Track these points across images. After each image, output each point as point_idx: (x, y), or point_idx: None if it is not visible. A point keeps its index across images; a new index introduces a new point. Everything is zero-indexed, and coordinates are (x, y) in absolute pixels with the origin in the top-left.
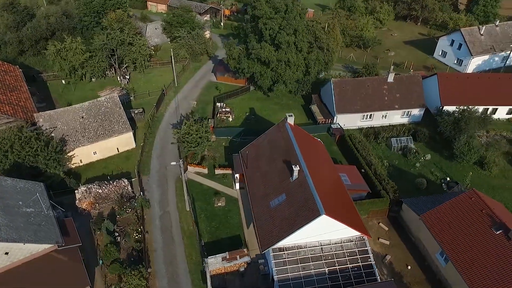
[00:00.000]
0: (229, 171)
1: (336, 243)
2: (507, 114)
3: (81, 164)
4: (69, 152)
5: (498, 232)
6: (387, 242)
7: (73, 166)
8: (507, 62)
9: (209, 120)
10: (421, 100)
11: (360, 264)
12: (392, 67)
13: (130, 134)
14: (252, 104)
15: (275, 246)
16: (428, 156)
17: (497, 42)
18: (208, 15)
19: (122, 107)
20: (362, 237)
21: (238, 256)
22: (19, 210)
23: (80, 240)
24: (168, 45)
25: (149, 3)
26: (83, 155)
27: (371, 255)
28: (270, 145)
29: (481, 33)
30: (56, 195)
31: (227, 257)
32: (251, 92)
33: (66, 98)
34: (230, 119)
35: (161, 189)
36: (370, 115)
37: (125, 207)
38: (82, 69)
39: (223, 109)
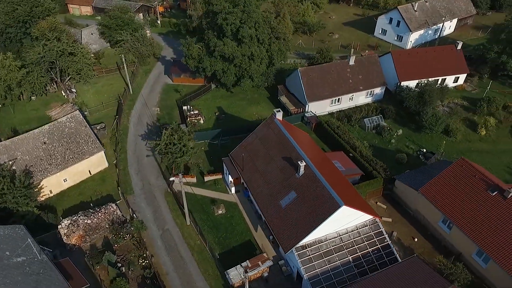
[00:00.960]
0: (219, 176)
1: (353, 231)
2: (453, 82)
3: (51, 195)
4: (36, 184)
5: (494, 194)
6: (390, 220)
7: (42, 199)
8: (440, 34)
9: (180, 125)
10: (382, 79)
11: (378, 246)
12: (352, 50)
13: (102, 153)
14: (218, 103)
15: (297, 245)
16: (400, 131)
17: (429, 16)
18: (141, 14)
19: (87, 125)
20: (374, 219)
21: (260, 262)
22: (10, 261)
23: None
24: (111, 51)
25: (70, 6)
26: (52, 185)
27: (386, 235)
28: (263, 143)
29: (415, 9)
30: (34, 235)
31: (249, 265)
32: (213, 90)
33: (6, 123)
34: (202, 121)
35: (151, 207)
36: (338, 99)
37: (121, 233)
38: (19, 88)
39: (192, 112)
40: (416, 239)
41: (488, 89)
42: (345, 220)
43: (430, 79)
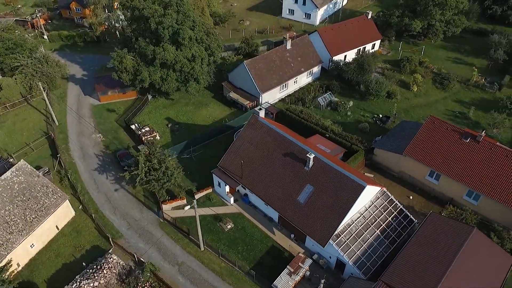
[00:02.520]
0: (209, 190)
1: (370, 206)
2: (371, 49)
3: (19, 268)
4: (2, 264)
5: (468, 140)
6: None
7: (11, 278)
8: (337, 7)
9: (139, 147)
10: (317, 58)
11: (395, 212)
12: (284, 37)
13: (67, 202)
14: (164, 113)
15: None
16: (351, 103)
17: None
18: (17, 31)
19: (40, 174)
20: (383, 190)
21: (300, 263)
22: None
23: None
24: (10, 81)
25: None
26: (18, 256)
27: (396, 201)
28: (255, 145)
29: None
30: None
31: (291, 270)
32: (152, 102)
33: None
34: (158, 137)
35: (152, 244)
36: (285, 84)
37: (138, 285)
38: None
39: (144, 130)
40: (411, 197)
41: (400, 50)
42: (364, 198)
43: (355, 50)
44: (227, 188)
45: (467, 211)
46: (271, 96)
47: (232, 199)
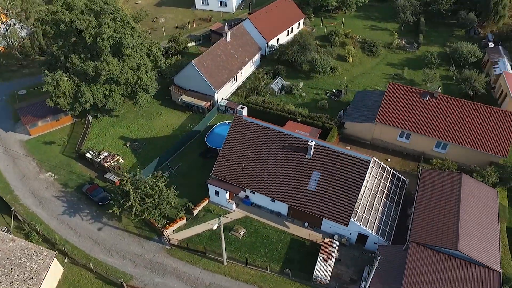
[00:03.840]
0: (205, 202)
1: (369, 177)
2: (297, 28)
3: None
4: None
5: (427, 98)
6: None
7: None
8: None
9: (111, 176)
10: (256, 45)
11: (389, 177)
12: (211, 29)
13: (55, 259)
14: (115, 133)
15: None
16: (301, 84)
17: None
18: None
19: (14, 237)
20: (374, 159)
21: (329, 248)
22: None
23: None
24: None
25: None
26: None
27: (387, 167)
28: (247, 146)
29: None
30: None
31: (325, 256)
32: (93, 123)
33: None
34: (121, 160)
35: (170, 275)
36: (235, 77)
37: None
38: None
39: (103, 156)
40: (389, 160)
41: (324, 26)
42: None
43: (285, 32)
44: (228, 196)
45: (447, 160)
46: (224, 92)
47: (234, 205)
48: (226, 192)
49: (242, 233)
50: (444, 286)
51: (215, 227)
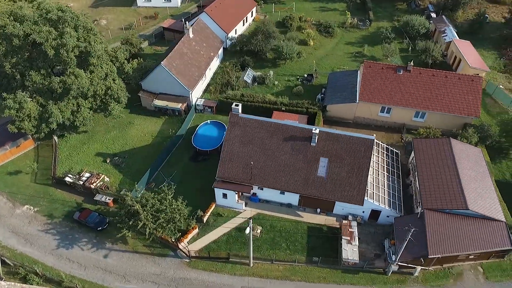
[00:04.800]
0: (212, 207)
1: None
2: (251, 17)
3: None
4: None
5: (401, 72)
6: None
7: None
8: None
9: (102, 197)
10: (218, 38)
11: (385, 152)
12: (163, 26)
13: None
14: (88, 150)
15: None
16: (271, 72)
17: None
18: None
19: (24, 285)
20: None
21: (349, 230)
22: None
23: None
24: None
25: None
26: None
27: (380, 142)
28: (248, 143)
29: None
30: None
31: (348, 238)
32: (62, 143)
33: None
34: (107, 179)
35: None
36: (204, 74)
37: None
38: None
39: (85, 177)
40: (374, 135)
41: (274, 11)
42: None
43: (241, 22)
44: (236, 197)
45: (432, 128)
46: (197, 90)
47: (243, 205)
48: (236, 193)
49: (259, 231)
50: (462, 243)
51: (247, 231)
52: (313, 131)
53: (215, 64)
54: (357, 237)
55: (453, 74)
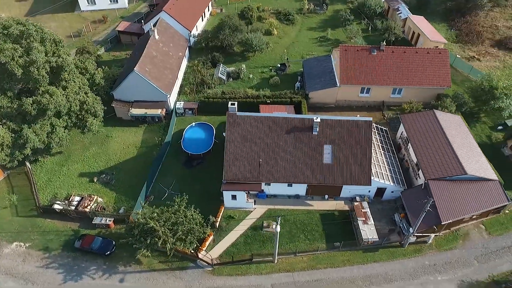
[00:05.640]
0: (222, 209)
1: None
2: (208, 11)
3: None
4: None
5: (376, 52)
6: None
7: None
8: None
9: (101, 220)
10: (182, 37)
11: (375, 131)
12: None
13: None
14: (70, 173)
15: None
16: (243, 66)
17: None
18: None
19: None
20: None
21: (362, 211)
22: None
23: None
24: None
25: None
26: None
27: (376, 125)
28: (250, 140)
29: None
30: None
31: (363, 218)
32: (36, 169)
33: None
34: (100, 199)
35: None
36: (177, 75)
37: None
38: None
39: (76, 202)
40: (358, 115)
41: (230, 3)
42: None
43: (200, 18)
44: (246, 196)
45: (414, 102)
46: (174, 93)
47: (253, 203)
48: (246, 193)
49: (273, 227)
50: (467, 206)
51: (278, 229)
52: (314, 120)
53: (183, 64)
54: (371, 217)
55: (422, 49)
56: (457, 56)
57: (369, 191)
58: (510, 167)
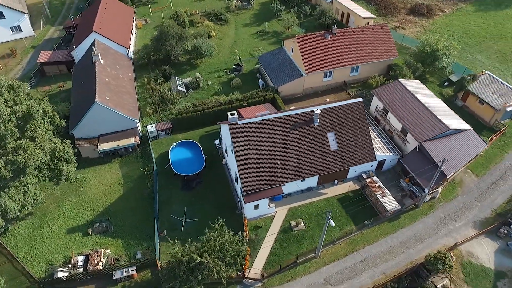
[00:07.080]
0: (246, 223)
1: None
2: (133, 23)
3: None
4: None
5: (329, 37)
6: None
7: None
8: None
9: (122, 273)
10: (123, 56)
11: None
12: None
13: None
14: (55, 233)
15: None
16: (198, 74)
17: None
18: None
19: None
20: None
21: (376, 185)
22: None
23: None
24: None
25: None
26: None
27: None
28: (258, 146)
29: None
30: None
31: (380, 192)
32: (8, 240)
33: None
34: (108, 251)
35: None
36: (135, 98)
37: None
38: None
39: (78, 264)
40: (327, 99)
41: (152, 13)
42: None
43: (131, 31)
44: (267, 203)
45: (378, 76)
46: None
47: (274, 207)
48: (269, 200)
49: (303, 223)
50: (459, 156)
51: (332, 223)
52: (315, 112)
53: (133, 84)
54: (386, 189)
55: (367, 27)
56: None
57: (372, 166)
58: (465, 115)
